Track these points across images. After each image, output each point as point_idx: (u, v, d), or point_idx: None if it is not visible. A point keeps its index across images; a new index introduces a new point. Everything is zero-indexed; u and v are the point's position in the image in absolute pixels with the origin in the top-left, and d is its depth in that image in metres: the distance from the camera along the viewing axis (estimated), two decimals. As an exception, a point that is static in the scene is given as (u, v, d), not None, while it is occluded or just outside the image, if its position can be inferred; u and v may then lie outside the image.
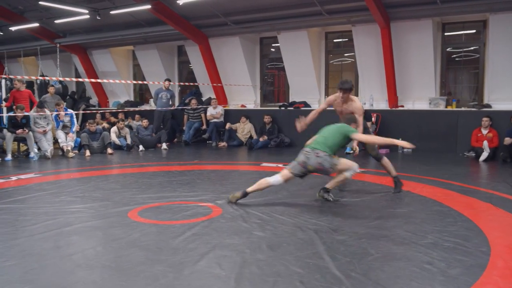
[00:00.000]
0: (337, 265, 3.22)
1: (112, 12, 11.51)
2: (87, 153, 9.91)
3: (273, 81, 13.51)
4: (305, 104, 11.75)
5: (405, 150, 10.21)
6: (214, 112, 12.40)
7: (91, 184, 6.47)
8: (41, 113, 9.78)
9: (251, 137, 11.82)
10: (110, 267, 3.25)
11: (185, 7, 11.24)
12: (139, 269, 3.19)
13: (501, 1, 9.01)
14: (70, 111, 10.53)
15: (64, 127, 10.16)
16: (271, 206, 5.07)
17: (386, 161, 5.99)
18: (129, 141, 11.16)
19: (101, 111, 14.28)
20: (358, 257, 3.39)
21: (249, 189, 5.20)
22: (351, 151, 10.01)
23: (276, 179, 5.19)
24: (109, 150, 10.20)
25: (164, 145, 11.18)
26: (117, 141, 10.98)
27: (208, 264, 3.27)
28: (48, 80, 14.04)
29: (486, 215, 4.75)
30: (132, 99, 15.82)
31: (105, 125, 12.21)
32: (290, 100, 12.34)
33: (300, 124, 6.15)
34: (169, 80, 12.31)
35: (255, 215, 4.66)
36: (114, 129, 11.24)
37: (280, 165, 8.25)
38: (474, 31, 10.48)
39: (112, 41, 14.22)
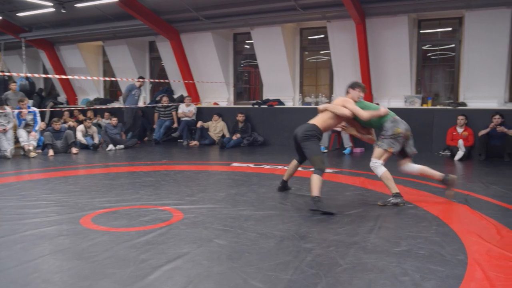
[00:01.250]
0: (302, 278, 2.92)
1: (77, 6, 11.02)
2: (50, 152, 9.43)
3: (248, 79, 13.18)
4: (279, 102, 11.47)
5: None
6: (187, 110, 12.01)
7: (48, 187, 6.05)
8: (1, 111, 9.26)
9: (223, 135, 11.49)
10: (50, 282, 2.88)
11: (155, 1, 10.85)
12: (81, 285, 2.84)
13: (478, -3, 8.88)
14: (33, 108, 10.02)
15: (27, 125, 9.66)
16: (237, 210, 4.75)
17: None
18: (96, 140, 10.71)
19: (69, 108, 13.75)
20: (326, 269, 3.10)
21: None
22: (325, 150, 9.79)
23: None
24: (74, 150, 9.74)
25: (110, 146, 10.59)
26: (83, 140, 10.52)
27: (159, 278, 2.93)
28: (8, 77, 13.43)
29: (462, 218, 4.53)
30: (102, 96, 15.31)
31: (71, 123, 11.73)
32: (264, 98, 12.04)
33: None
34: (143, 78, 11.84)
35: (218, 220, 4.34)
36: (80, 127, 10.77)
37: (251, 165, 7.94)
38: (450, 28, 10.32)
39: (80, 36, 13.68)
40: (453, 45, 10.22)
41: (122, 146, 10.69)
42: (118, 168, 7.78)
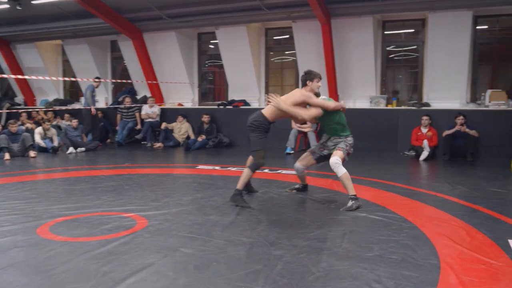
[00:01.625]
0: (273, 289, 2.80)
1: (34, 2, 10.56)
2: (7, 156, 9.00)
3: (213, 79, 12.99)
4: (245, 103, 11.34)
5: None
6: (150, 111, 11.73)
7: (3, 194, 5.70)
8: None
9: (188, 137, 11.27)
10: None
11: (116, -2, 10.55)
12: (35, 303, 2.63)
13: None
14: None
15: (-20, 128, 9.20)
16: (203, 215, 4.59)
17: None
18: (56, 143, 10.30)
19: (27, 110, 13.21)
20: (298, 277, 2.98)
21: None
22: (292, 151, 9.70)
23: None
24: (32, 153, 9.33)
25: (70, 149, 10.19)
26: (41, 143, 10.10)
27: (121, 293, 2.75)
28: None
29: (431, 219, 4.49)
30: (61, 97, 14.80)
31: (29, 125, 11.28)
32: (229, 99, 11.88)
33: None
34: (99, 78, 11.41)
35: (184, 227, 4.16)
36: (38, 129, 10.35)
37: (217, 167, 7.78)
38: (413, 30, 10.44)
39: (38, 34, 13.14)
40: (416, 46, 10.33)
41: (83, 149, 10.31)
42: (78, 172, 7.47)
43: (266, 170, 5.64)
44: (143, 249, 3.55)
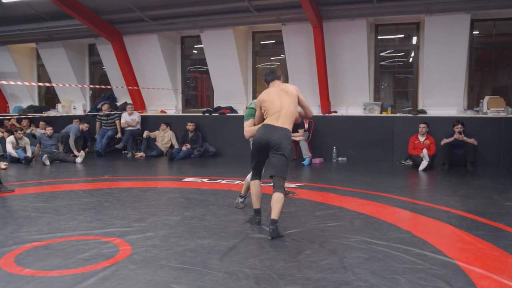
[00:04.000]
0: None
1: (4, 1, 9.81)
2: (-27, 168, 8.28)
3: (196, 85, 12.40)
4: (231, 110, 10.77)
5: (339, 158, 9.55)
6: (130, 119, 11.07)
7: (-37, 213, 5.04)
8: None
9: (172, 146, 10.64)
10: None
11: (94, -2, 9.91)
12: None
13: (439, 2, 8.56)
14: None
15: None
16: (196, 239, 4.00)
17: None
18: (29, 153, 9.58)
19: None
20: (321, 325, 2.42)
21: None
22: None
23: None
24: (2, 164, 8.60)
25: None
26: (13, 153, 9.39)
27: None
28: None
29: (454, 241, 4.00)
30: (36, 103, 14.01)
31: (0, 134, 10.52)
32: (215, 105, 11.30)
33: None
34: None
35: (175, 255, 3.57)
36: (10, 139, 9.63)
37: (205, 180, 7.18)
38: (407, 34, 10.03)
39: (10, 36, 12.33)
40: (411, 51, 9.92)
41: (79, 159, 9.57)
42: (53, 186, 6.80)
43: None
44: (128, 287, 2.95)
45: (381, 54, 10.11)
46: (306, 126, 9.61)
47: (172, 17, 10.51)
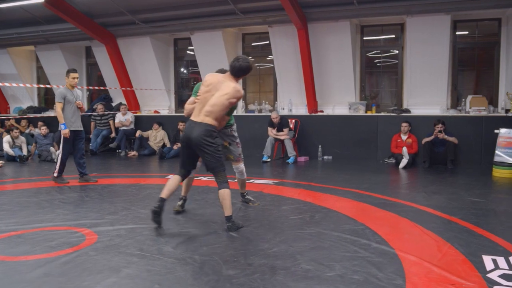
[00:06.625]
0: (214, 318, 2.48)
1: (1, 6, 10.16)
2: (-29, 166, 8.62)
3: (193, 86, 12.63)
4: (222, 110, 10.99)
5: (325, 157, 9.76)
6: (123, 119, 11.37)
7: (-48, 207, 5.34)
8: None
9: (164, 145, 10.92)
10: None
11: (86, 3, 10.19)
12: None
13: (418, 4, 8.75)
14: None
15: None
16: (161, 229, 4.25)
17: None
18: (25, 151, 9.92)
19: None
20: (245, 303, 2.67)
21: None
22: (268, 159, 9.37)
23: None
24: (-3, 163, 8.95)
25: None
26: (10, 151, 9.72)
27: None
28: None
29: (403, 233, 4.21)
30: (36, 104, 14.37)
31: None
32: (207, 105, 11.53)
33: None
34: None
35: (136, 243, 3.83)
36: (6, 138, 9.99)
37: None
38: (393, 35, 10.22)
39: (8, 40, 12.70)
40: (396, 52, 10.12)
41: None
42: (42, 183, 7.09)
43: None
44: (82, 270, 3.22)
45: (367, 54, 10.31)
46: (291, 125, 9.83)
47: (163, 20, 10.79)
